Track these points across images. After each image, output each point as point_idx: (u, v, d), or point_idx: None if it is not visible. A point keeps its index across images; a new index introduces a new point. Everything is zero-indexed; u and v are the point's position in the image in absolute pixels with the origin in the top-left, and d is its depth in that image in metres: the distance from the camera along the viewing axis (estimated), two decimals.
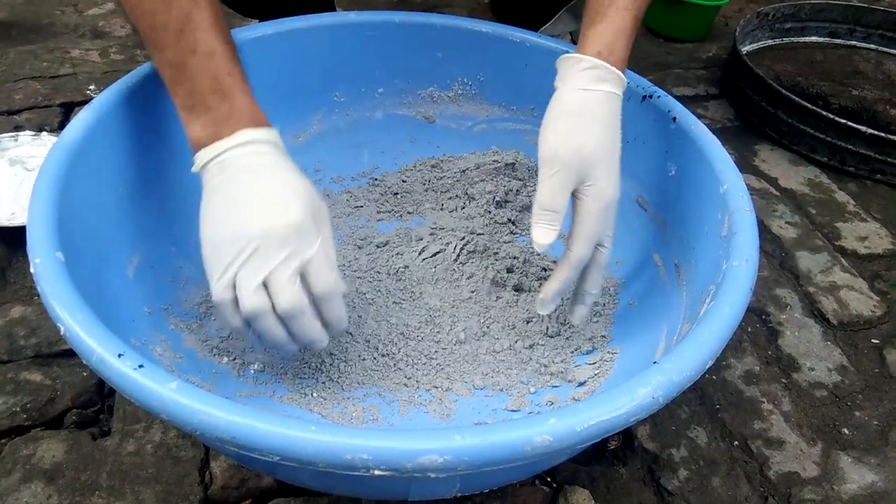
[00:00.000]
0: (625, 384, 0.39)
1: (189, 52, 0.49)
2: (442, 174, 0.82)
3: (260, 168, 0.49)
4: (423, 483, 0.46)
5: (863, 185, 1.04)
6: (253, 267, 0.46)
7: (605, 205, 0.54)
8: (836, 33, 1.37)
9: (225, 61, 0.50)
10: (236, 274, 0.46)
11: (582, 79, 0.55)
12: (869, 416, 0.70)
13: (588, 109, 0.54)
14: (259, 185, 0.48)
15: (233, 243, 0.46)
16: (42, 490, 0.56)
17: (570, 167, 0.53)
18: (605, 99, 0.54)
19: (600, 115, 0.54)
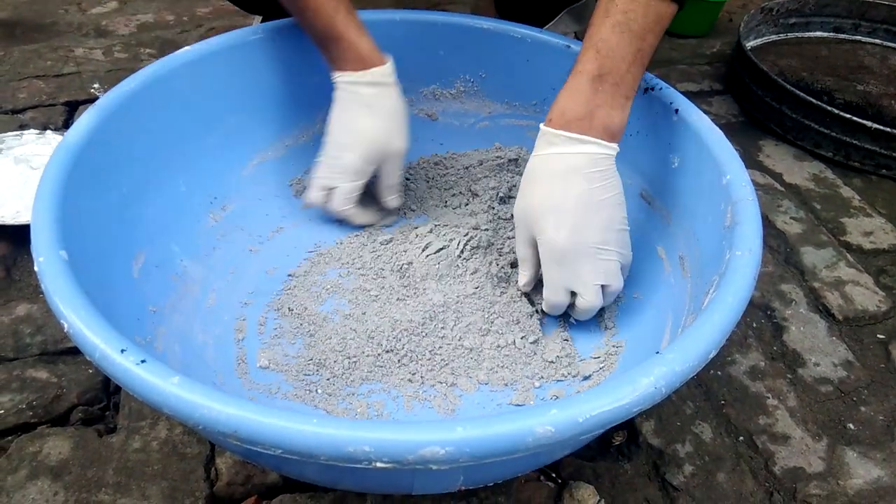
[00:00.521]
0: (627, 374, 0.39)
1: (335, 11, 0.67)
2: (445, 171, 0.82)
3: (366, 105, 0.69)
4: (427, 476, 0.46)
5: (868, 180, 1.04)
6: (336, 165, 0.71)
7: (555, 254, 0.59)
8: (840, 28, 1.37)
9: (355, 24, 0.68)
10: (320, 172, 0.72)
11: (538, 146, 0.60)
12: (874, 411, 0.69)
13: (537, 172, 0.59)
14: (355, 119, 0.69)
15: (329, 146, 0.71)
16: (48, 487, 0.56)
17: (521, 224, 0.62)
18: (556, 160, 0.58)
19: (544, 176, 0.59)
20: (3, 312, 0.70)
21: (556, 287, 0.61)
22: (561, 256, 0.58)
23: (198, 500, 0.56)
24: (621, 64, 0.57)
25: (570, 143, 0.57)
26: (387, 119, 0.70)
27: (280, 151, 0.78)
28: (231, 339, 0.63)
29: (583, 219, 0.57)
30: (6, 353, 0.67)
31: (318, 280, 0.69)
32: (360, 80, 0.68)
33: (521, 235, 0.62)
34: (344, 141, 0.70)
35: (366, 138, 0.69)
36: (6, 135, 0.90)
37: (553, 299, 0.62)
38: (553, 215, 0.58)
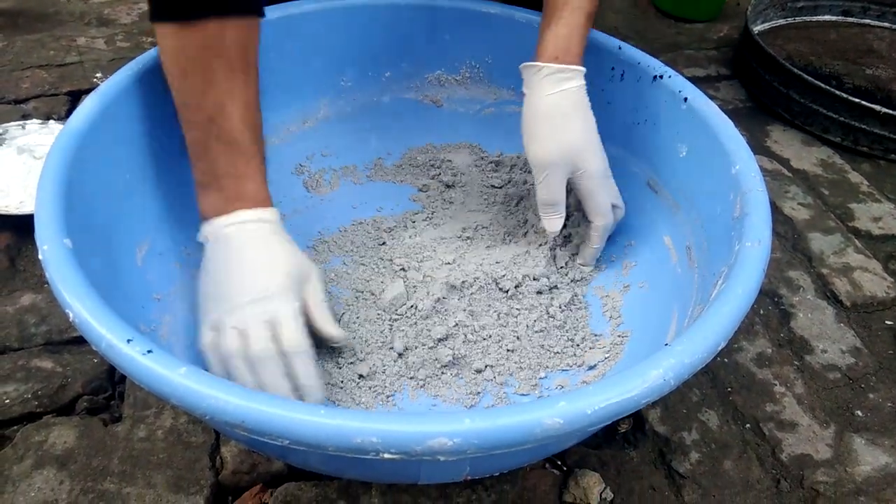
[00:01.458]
0: (636, 366, 0.39)
1: (214, 138, 0.54)
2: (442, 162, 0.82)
3: (251, 241, 0.55)
4: (433, 466, 0.46)
5: (877, 165, 1.03)
6: (232, 317, 0.51)
7: (599, 180, 0.63)
8: (849, 11, 1.35)
9: (244, 151, 0.55)
10: (220, 320, 0.52)
11: (546, 84, 0.61)
12: (882, 398, 0.69)
13: (558, 110, 0.61)
14: (247, 256, 0.54)
15: (220, 300, 0.53)
16: (54, 476, 0.56)
17: (558, 166, 0.62)
18: (570, 94, 0.62)
19: (570, 110, 0.62)
20: (7, 302, 0.70)
21: (604, 210, 0.65)
22: (604, 179, 0.64)
23: (203, 488, 0.56)
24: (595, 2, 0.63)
25: (578, 76, 0.62)
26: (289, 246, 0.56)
27: (283, 138, 0.78)
28: None
29: (600, 143, 0.64)
30: (11, 342, 0.67)
31: (321, 268, 0.69)
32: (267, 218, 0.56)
33: (556, 176, 0.62)
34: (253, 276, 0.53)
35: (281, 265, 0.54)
36: (9, 125, 0.89)
37: (606, 221, 0.65)
38: (591, 146, 0.63)
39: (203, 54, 0.52)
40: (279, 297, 0.52)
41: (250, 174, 0.56)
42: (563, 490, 0.58)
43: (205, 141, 0.54)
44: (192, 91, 0.54)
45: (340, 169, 0.80)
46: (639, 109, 0.70)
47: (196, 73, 0.53)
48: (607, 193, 0.65)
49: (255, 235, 0.55)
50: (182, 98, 0.55)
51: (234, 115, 0.54)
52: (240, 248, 0.54)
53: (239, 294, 0.52)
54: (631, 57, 0.69)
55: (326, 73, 0.78)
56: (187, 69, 0.53)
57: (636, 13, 1.40)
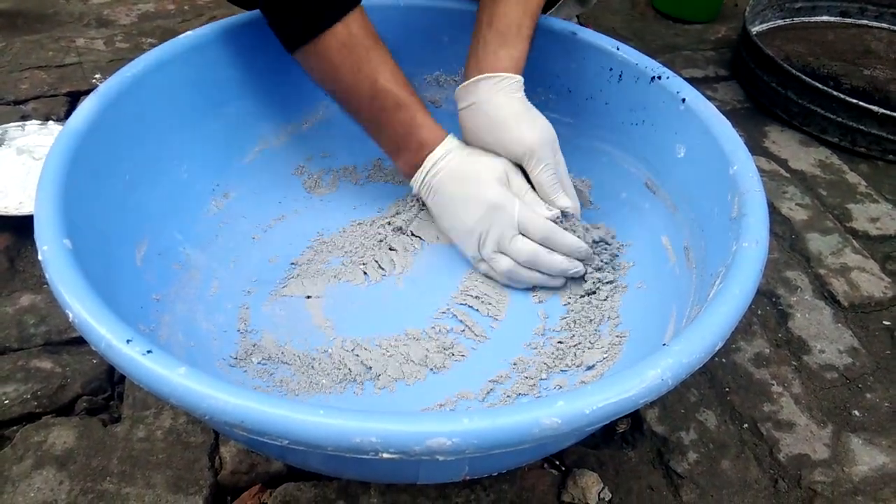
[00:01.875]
0: (634, 366, 0.39)
1: (380, 110, 0.64)
2: None
3: (448, 178, 0.65)
4: (432, 466, 0.46)
5: (874, 166, 1.03)
6: (487, 247, 0.65)
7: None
8: (847, 12, 1.35)
9: (406, 106, 0.65)
10: (481, 253, 0.66)
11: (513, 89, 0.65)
12: (880, 397, 0.69)
13: (528, 108, 0.66)
14: (454, 192, 0.65)
15: (468, 237, 0.65)
16: (54, 476, 0.56)
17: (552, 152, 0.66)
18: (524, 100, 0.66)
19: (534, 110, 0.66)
20: (7, 303, 0.70)
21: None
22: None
23: (202, 488, 0.56)
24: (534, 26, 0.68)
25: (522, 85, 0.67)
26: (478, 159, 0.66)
27: (283, 139, 0.78)
28: (234, 328, 0.63)
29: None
30: (10, 343, 0.67)
31: (321, 268, 0.69)
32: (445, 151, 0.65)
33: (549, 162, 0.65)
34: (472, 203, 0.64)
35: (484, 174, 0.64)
36: (8, 126, 0.89)
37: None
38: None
39: (342, 51, 0.62)
40: (500, 208, 0.62)
41: (419, 122, 0.65)
42: (561, 490, 0.59)
43: (376, 117, 0.65)
44: (347, 83, 0.63)
45: (340, 170, 0.81)
46: (636, 110, 0.70)
47: (343, 67, 0.62)
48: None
49: (448, 174, 0.64)
50: (344, 95, 0.65)
51: (388, 82, 0.63)
52: (446, 190, 0.65)
53: (475, 227, 0.64)
54: (629, 58, 0.69)
55: None
56: (335, 70, 0.63)
57: (634, 14, 1.40)
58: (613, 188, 0.75)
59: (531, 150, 0.64)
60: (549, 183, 0.65)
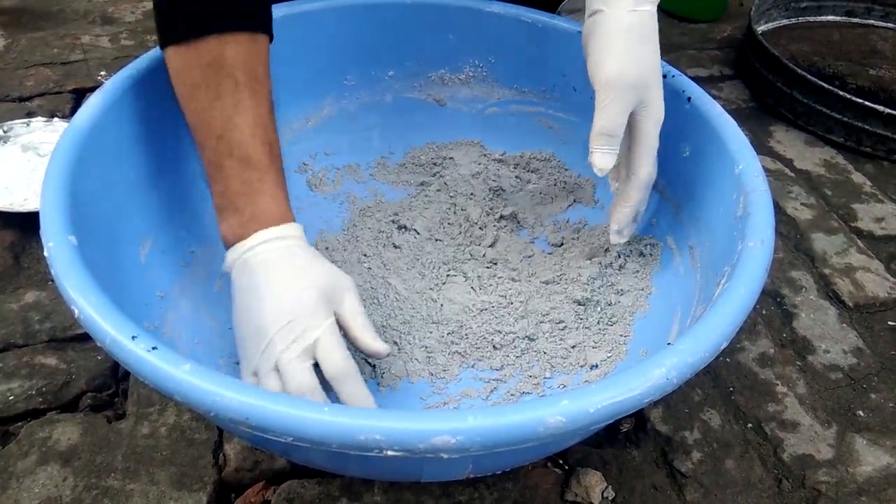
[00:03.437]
0: (639, 365, 0.39)
1: (226, 155, 0.52)
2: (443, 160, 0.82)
3: (274, 264, 0.50)
4: (436, 464, 0.46)
5: (879, 166, 1.03)
6: (266, 356, 0.48)
7: (659, 123, 0.58)
8: (853, 12, 1.35)
9: (258, 166, 0.52)
10: (258, 362, 0.49)
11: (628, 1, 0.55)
12: (885, 398, 0.69)
13: (638, 30, 0.55)
14: (271, 281, 0.50)
15: (252, 336, 0.49)
16: (58, 472, 0.56)
17: (632, 91, 0.55)
18: (648, 18, 0.56)
19: (648, 32, 0.56)
20: (11, 299, 0.71)
21: (653, 159, 0.59)
22: (659, 127, 0.58)
23: (206, 485, 0.56)
24: None
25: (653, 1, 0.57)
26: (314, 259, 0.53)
27: (286, 136, 0.78)
28: None
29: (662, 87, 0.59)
30: (15, 339, 0.67)
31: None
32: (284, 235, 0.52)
33: (625, 99, 0.55)
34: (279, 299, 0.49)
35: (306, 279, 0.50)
36: (14, 122, 0.90)
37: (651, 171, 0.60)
38: (657, 83, 0.57)
39: (206, 72, 0.52)
40: (309, 316, 0.48)
41: (265, 190, 0.52)
42: (564, 489, 0.59)
43: (217, 160, 0.52)
44: (199, 110, 0.53)
45: (343, 167, 0.81)
46: None
47: (201, 90, 0.52)
48: (657, 144, 0.59)
49: (275, 256, 0.51)
50: (193, 119, 0.53)
51: (244, 129, 0.52)
52: (261, 273, 0.50)
53: (268, 325, 0.48)
54: None
55: (330, 72, 0.78)
56: (193, 88, 0.52)
57: None
58: None
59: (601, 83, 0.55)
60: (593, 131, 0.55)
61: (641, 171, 0.59)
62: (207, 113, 0.52)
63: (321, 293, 0.50)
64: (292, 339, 0.48)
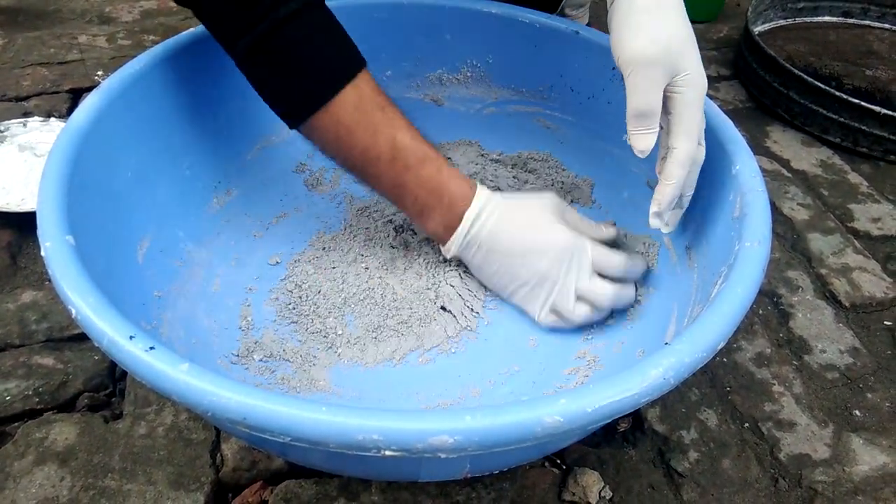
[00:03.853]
0: (636, 365, 0.39)
1: (404, 169, 0.58)
2: None
3: (500, 228, 0.59)
4: (434, 463, 0.46)
5: (876, 167, 1.03)
6: (562, 295, 0.59)
7: (700, 94, 0.53)
8: (849, 13, 1.35)
9: (430, 160, 0.59)
10: (554, 303, 0.60)
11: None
12: (881, 398, 0.69)
13: (657, 2, 0.52)
14: (513, 241, 0.59)
15: (536, 288, 0.60)
16: (55, 472, 0.56)
17: (660, 64, 0.51)
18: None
19: (673, 4, 0.52)
20: (8, 299, 0.70)
21: (694, 133, 0.54)
22: (702, 97, 0.54)
23: (203, 485, 0.56)
24: None
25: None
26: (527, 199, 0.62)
27: (285, 136, 0.78)
28: (236, 325, 0.63)
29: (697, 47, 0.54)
30: (12, 339, 0.67)
31: (323, 266, 0.69)
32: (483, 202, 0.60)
33: (656, 74, 0.51)
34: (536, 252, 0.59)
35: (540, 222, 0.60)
36: (10, 122, 0.90)
37: (692, 146, 0.53)
38: (692, 50, 0.53)
39: (357, 114, 0.56)
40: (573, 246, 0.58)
41: (447, 175, 0.59)
42: (562, 488, 0.59)
43: (400, 178, 0.58)
44: (365, 147, 0.57)
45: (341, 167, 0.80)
46: None
47: (359, 129, 0.57)
48: (700, 114, 0.53)
49: (495, 221, 0.59)
50: (360, 161, 0.58)
51: (406, 139, 0.58)
52: (500, 241, 0.59)
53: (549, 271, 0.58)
54: None
55: None
56: (351, 134, 0.57)
57: None
58: (615, 187, 0.75)
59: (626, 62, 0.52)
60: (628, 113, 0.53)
61: (680, 147, 0.53)
62: (373, 146, 0.57)
63: (563, 223, 0.59)
64: (577, 270, 0.58)
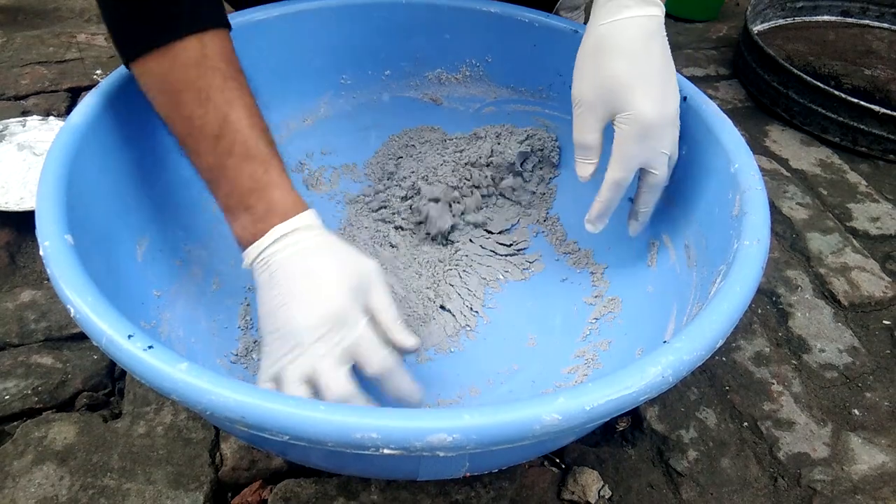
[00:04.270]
0: (635, 363, 0.39)
1: (226, 155, 0.50)
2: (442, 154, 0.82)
3: (297, 264, 0.49)
4: (432, 462, 0.46)
5: (875, 166, 1.03)
6: (297, 365, 0.46)
7: (641, 128, 0.54)
8: (848, 12, 1.35)
9: (261, 158, 0.51)
10: (282, 369, 0.46)
11: (604, 12, 0.55)
12: (880, 397, 0.69)
13: (607, 42, 0.54)
14: (295, 279, 0.48)
15: (280, 343, 0.47)
16: (54, 471, 0.56)
17: (593, 105, 0.55)
18: (626, 25, 0.54)
19: (622, 42, 0.54)
20: (7, 299, 0.70)
21: (629, 164, 0.56)
22: (647, 130, 0.54)
23: (203, 484, 0.56)
24: None
25: (641, 5, 0.54)
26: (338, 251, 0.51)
27: (284, 135, 0.78)
28: (235, 325, 0.63)
29: (666, 87, 0.55)
30: (11, 339, 0.67)
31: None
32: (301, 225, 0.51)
33: (592, 116, 0.55)
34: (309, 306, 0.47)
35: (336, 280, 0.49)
36: (9, 121, 0.89)
37: (619, 175, 0.56)
38: (641, 85, 0.54)
39: (192, 71, 0.50)
40: (344, 321, 0.47)
41: (273, 181, 0.51)
42: (561, 487, 0.59)
43: (218, 163, 0.51)
44: (189, 116, 0.51)
45: (340, 167, 0.80)
46: None
47: (189, 92, 0.50)
48: (637, 147, 0.55)
49: (297, 252, 0.49)
50: (182, 127, 0.51)
51: (241, 122, 0.51)
52: (285, 275, 0.48)
53: (299, 332, 0.46)
54: None
55: (326, 71, 0.78)
56: (177, 94, 0.50)
57: None
58: None
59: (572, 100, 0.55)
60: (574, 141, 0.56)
61: (608, 174, 0.57)
62: (199, 117, 0.50)
63: (351, 292, 0.48)
64: (329, 347, 0.46)
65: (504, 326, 0.64)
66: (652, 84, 0.54)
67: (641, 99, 0.53)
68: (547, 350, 0.62)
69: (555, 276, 0.70)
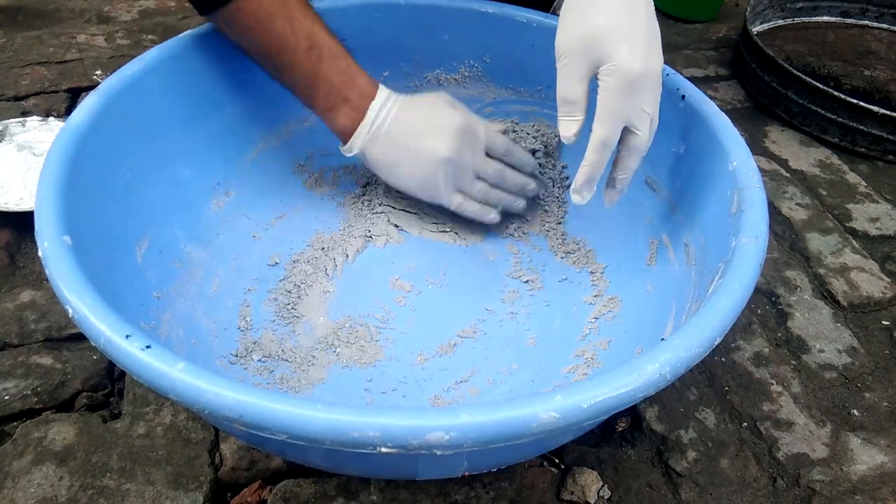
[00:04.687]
0: (632, 361, 0.39)
1: (317, 60, 0.62)
2: None
3: (402, 118, 0.64)
4: (431, 461, 0.46)
5: (874, 167, 1.03)
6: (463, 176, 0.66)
7: (625, 80, 0.52)
8: (848, 13, 1.35)
9: (342, 55, 0.63)
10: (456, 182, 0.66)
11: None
12: (879, 397, 0.69)
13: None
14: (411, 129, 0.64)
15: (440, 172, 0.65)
16: (54, 472, 0.56)
17: (577, 54, 0.53)
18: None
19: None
20: (7, 299, 0.70)
21: (611, 120, 0.53)
22: (632, 83, 0.52)
23: (202, 485, 0.56)
24: None
25: None
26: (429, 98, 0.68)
27: (283, 137, 0.78)
28: (235, 326, 0.63)
29: (651, 44, 0.54)
30: (11, 339, 0.67)
31: (321, 266, 0.69)
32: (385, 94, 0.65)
33: (576, 68, 0.53)
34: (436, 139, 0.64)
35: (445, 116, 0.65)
36: (9, 122, 0.90)
37: (607, 132, 0.54)
38: (626, 38, 0.52)
39: (276, 2, 0.60)
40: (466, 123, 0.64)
41: (355, 71, 0.64)
42: (560, 488, 0.59)
43: (314, 68, 0.62)
44: (283, 35, 0.61)
45: (340, 168, 0.80)
46: None
47: (280, 17, 0.60)
48: (624, 102, 0.53)
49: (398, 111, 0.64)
50: (276, 48, 0.61)
51: (322, 33, 0.62)
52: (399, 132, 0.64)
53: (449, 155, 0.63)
54: None
55: None
56: (273, 19, 0.60)
57: None
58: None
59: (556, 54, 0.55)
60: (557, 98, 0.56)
61: (595, 132, 0.54)
62: (292, 35, 0.61)
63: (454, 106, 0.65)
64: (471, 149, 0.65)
65: (504, 326, 0.64)
66: (637, 37, 0.53)
67: (627, 50, 0.52)
68: (547, 349, 0.62)
69: (555, 275, 0.70)
